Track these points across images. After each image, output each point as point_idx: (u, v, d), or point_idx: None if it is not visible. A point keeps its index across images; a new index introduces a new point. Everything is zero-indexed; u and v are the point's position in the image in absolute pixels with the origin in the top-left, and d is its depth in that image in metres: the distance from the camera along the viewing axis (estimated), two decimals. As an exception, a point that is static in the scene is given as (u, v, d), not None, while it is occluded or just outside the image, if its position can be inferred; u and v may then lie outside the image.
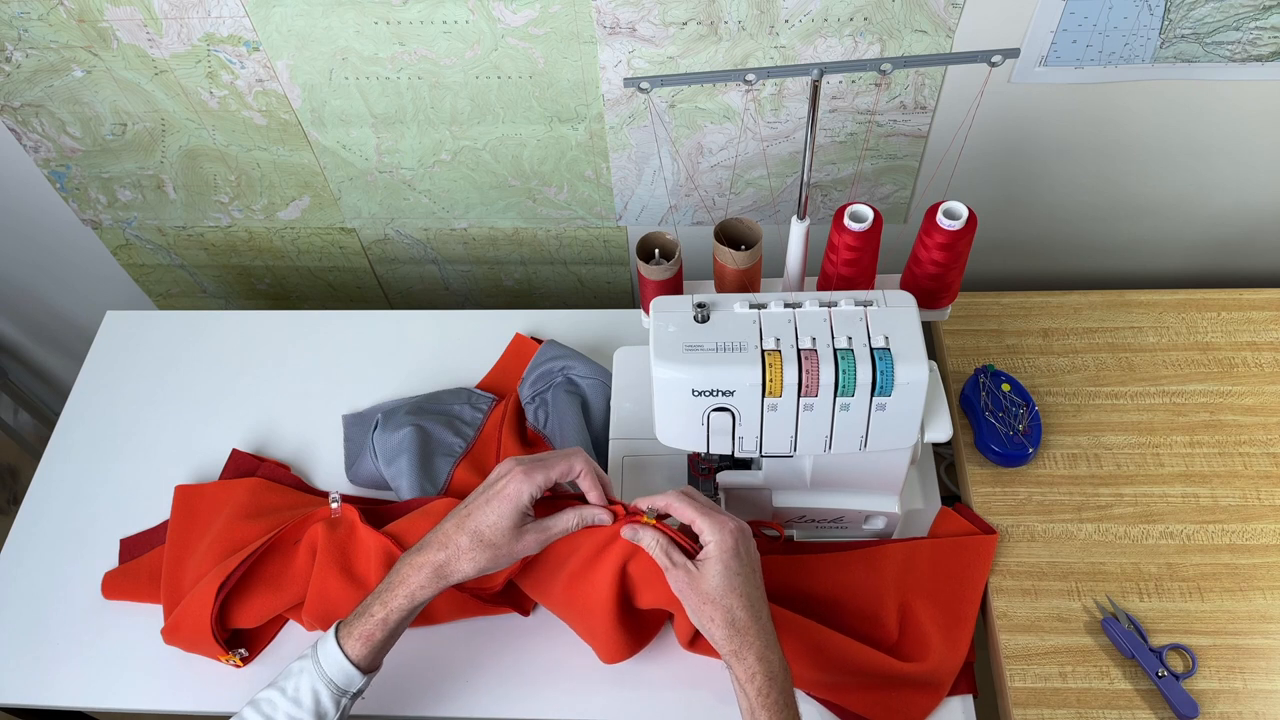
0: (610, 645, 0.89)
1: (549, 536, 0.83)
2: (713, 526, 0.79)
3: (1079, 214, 1.21)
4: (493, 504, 0.81)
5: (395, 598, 0.80)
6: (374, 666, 0.81)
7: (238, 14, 1.01)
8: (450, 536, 0.81)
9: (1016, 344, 1.13)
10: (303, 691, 0.78)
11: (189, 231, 1.35)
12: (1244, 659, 0.90)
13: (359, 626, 0.80)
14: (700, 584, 0.78)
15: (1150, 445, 1.04)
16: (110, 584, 1.01)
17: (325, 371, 1.17)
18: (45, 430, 1.68)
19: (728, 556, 0.77)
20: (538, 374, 1.10)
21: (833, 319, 0.79)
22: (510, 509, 0.80)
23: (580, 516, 0.84)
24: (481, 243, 1.33)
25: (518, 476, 0.81)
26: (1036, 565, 0.97)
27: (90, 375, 1.19)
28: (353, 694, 0.80)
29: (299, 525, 0.98)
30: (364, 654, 0.79)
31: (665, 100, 1.08)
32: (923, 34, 0.98)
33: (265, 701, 0.79)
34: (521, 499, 0.80)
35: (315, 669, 0.79)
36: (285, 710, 0.78)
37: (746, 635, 0.76)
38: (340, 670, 0.79)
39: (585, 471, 0.84)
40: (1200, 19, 0.94)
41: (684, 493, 0.82)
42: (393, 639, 0.81)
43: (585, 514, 0.84)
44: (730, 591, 0.77)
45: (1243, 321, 1.12)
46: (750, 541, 0.81)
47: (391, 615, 0.80)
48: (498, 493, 0.81)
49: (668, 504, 0.82)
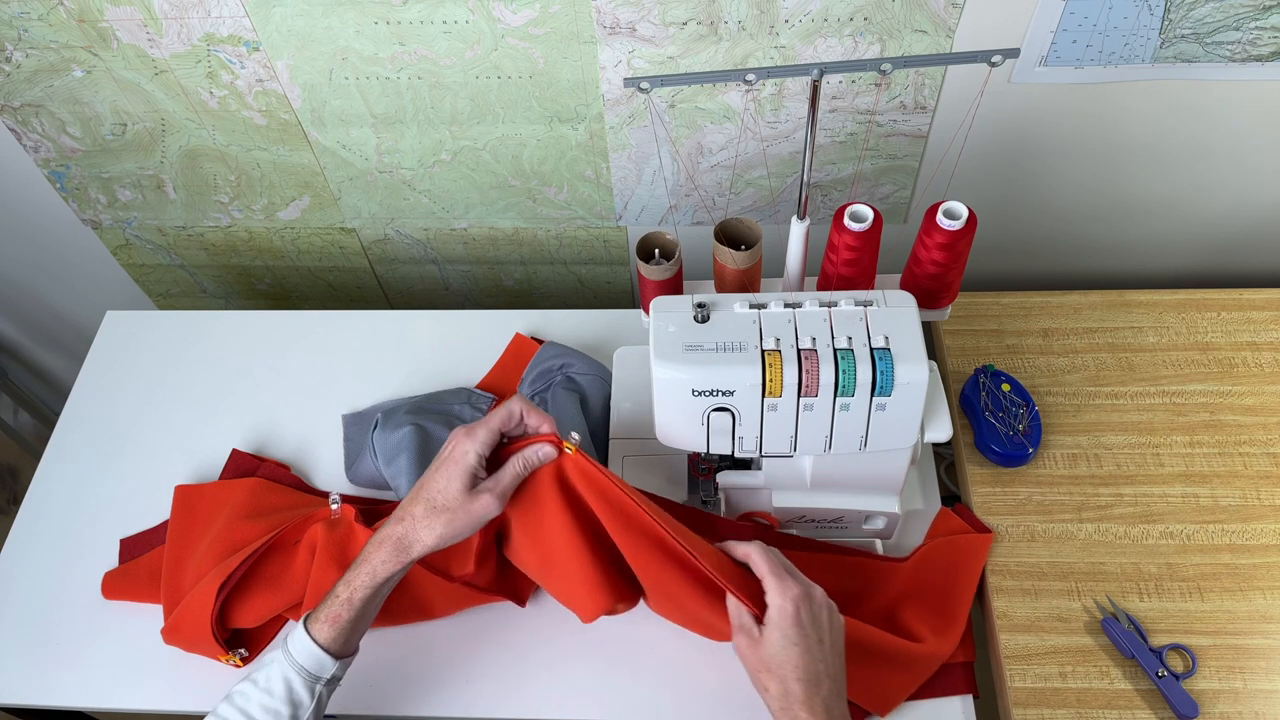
0: (581, 596, 0.86)
1: (503, 490, 0.81)
2: (777, 590, 0.77)
3: (1079, 214, 1.21)
4: (441, 469, 0.80)
5: (357, 576, 0.79)
6: (346, 651, 0.81)
7: (238, 14, 1.01)
8: (406, 509, 0.80)
9: (1016, 344, 1.13)
10: (274, 681, 0.78)
11: (189, 231, 1.35)
12: (1244, 659, 0.90)
13: (324, 610, 0.79)
14: (759, 649, 0.77)
15: (1150, 445, 1.04)
16: (110, 584, 1.01)
17: (325, 371, 1.17)
18: (45, 430, 1.68)
19: (787, 624, 0.76)
20: (537, 373, 1.10)
21: (833, 319, 0.79)
22: (458, 470, 0.80)
23: (524, 460, 0.82)
24: (481, 243, 1.33)
25: (459, 437, 0.81)
26: (1036, 565, 0.97)
27: (90, 375, 1.19)
28: (327, 680, 0.79)
29: (299, 526, 0.98)
30: (332, 637, 0.78)
31: (665, 100, 1.08)
32: (923, 34, 0.98)
33: (239, 694, 0.78)
34: (468, 459, 0.80)
35: (285, 657, 0.78)
36: (258, 701, 0.77)
37: (798, 708, 0.74)
38: (310, 656, 0.78)
39: (526, 410, 0.83)
40: (1200, 19, 0.94)
41: (765, 548, 0.81)
42: (362, 620, 0.80)
43: (527, 456, 0.82)
44: (785, 662, 0.75)
45: (1243, 321, 1.12)
46: (822, 610, 0.78)
47: (355, 594, 0.79)
48: (445, 458, 0.81)
49: (747, 554, 0.81)
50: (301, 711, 0.78)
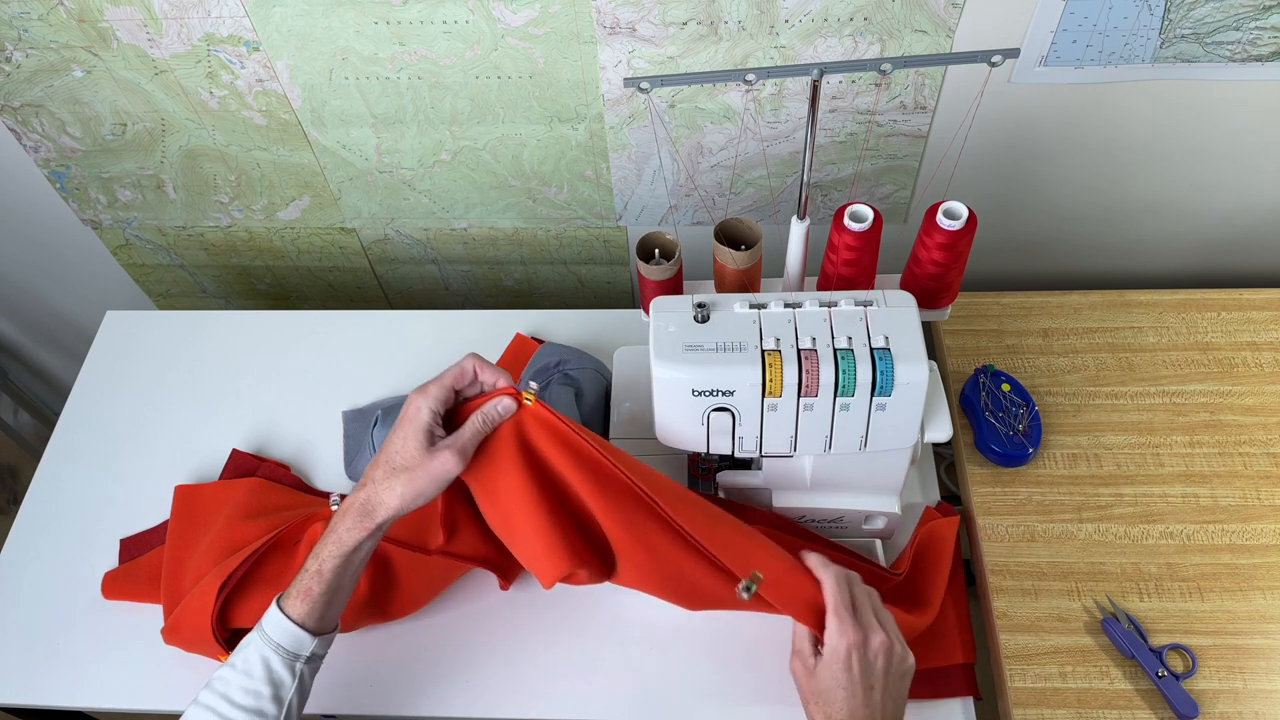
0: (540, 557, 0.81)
1: (462, 445, 0.79)
2: (836, 629, 0.76)
3: (1079, 214, 1.21)
4: (398, 430, 0.79)
5: (324, 547, 0.78)
6: (324, 628, 0.80)
7: (238, 14, 1.01)
8: (368, 474, 0.80)
9: (1016, 344, 1.13)
10: (252, 662, 0.77)
11: (189, 231, 1.35)
12: (1244, 659, 0.90)
13: (295, 585, 0.79)
14: (812, 679, 0.77)
15: (1150, 445, 1.04)
16: (110, 584, 1.01)
17: (325, 371, 1.17)
18: (45, 430, 1.68)
19: (837, 666, 0.76)
20: (535, 371, 1.10)
21: (833, 319, 0.79)
22: (413, 429, 0.79)
23: (483, 415, 0.81)
24: (481, 243, 1.33)
25: (414, 397, 0.80)
26: (1036, 565, 0.97)
27: (90, 375, 1.19)
28: (306, 658, 0.78)
29: (299, 526, 0.98)
30: (305, 611, 0.78)
31: (665, 100, 1.08)
32: (923, 34, 0.98)
33: (218, 680, 0.77)
34: (421, 415, 0.79)
35: (260, 637, 0.78)
36: (237, 683, 0.76)
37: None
38: (285, 633, 0.77)
39: (479, 366, 0.82)
40: (1200, 19, 0.94)
41: (845, 577, 0.79)
42: (337, 595, 0.79)
43: (486, 411, 0.81)
44: (833, 700, 0.75)
45: (1243, 321, 1.13)
46: (877, 659, 0.76)
47: (325, 565, 0.78)
48: (401, 418, 0.80)
49: (822, 578, 0.79)
50: (283, 691, 0.77)
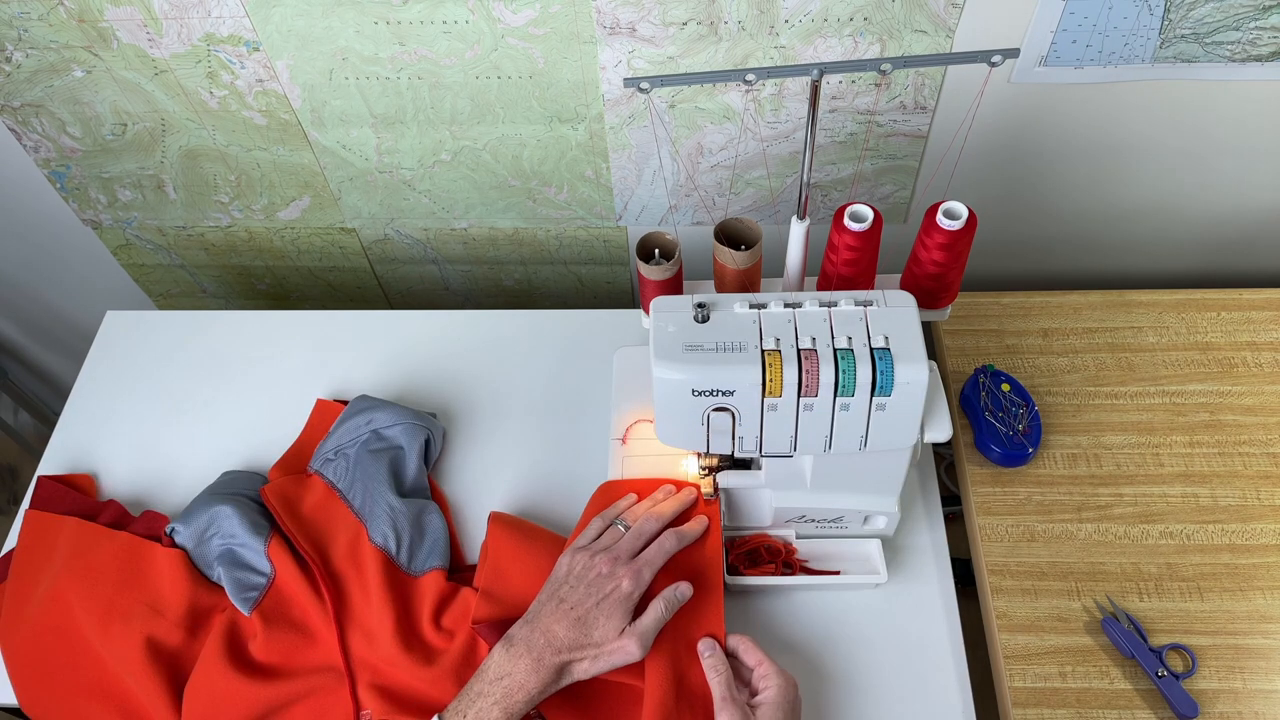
0: None
1: (643, 632, 0.83)
2: (779, 673, 0.82)
3: (1079, 214, 1.21)
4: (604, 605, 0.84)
5: (512, 697, 0.80)
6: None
7: (238, 14, 1.01)
8: (550, 628, 0.83)
9: (1016, 344, 1.13)
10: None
11: (189, 231, 1.35)
12: (1244, 659, 0.90)
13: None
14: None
15: (1150, 445, 1.04)
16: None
17: (325, 371, 1.17)
18: (45, 430, 1.68)
19: (786, 707, 0.79)
20: (343, 432, 1.04)
21: (833, 319, 0.79)
22: (620, 610, 0.84)
23: (665, 601, 0.85)
24: (481, 243, 1.33)
25: (626, 579, 0.85)
26: (1036, 565, 0.97)
27: (90, 375, 1.19)
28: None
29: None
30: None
31: (665, 100, 1.08)
32: (923, 34, 0.98)
33: None
34: (633, 599, 0.85)
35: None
36: None
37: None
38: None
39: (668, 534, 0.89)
40: (1200, 19, 0.94)
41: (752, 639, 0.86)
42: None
43: (668, 596, 0.85)
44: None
45: (1243, 321, 1.13)
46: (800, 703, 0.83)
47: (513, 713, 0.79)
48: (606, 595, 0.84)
49: (738, 642, 0.86)
50: None
